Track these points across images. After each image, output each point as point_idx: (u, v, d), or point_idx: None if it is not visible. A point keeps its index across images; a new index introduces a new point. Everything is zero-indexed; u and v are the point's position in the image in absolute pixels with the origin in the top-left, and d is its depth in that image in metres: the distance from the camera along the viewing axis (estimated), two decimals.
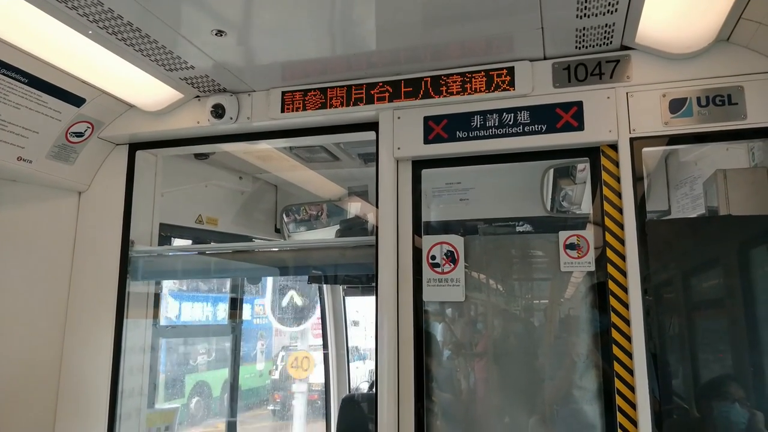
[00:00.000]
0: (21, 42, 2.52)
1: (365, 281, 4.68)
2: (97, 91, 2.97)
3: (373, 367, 2.76)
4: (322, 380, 5.83)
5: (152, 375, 3.56)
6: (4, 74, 2.60)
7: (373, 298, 2.81)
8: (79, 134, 3.13)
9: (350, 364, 5.92)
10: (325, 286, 5.72)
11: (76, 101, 2.96)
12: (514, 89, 2.71)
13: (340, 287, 5.74)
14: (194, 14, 2.35)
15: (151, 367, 3.53)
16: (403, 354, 2.73)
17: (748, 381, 2.41)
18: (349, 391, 5.86)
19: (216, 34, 2.49)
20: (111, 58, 2.66)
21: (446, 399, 2.80)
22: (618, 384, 2.45)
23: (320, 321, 5.94)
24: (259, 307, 8.49)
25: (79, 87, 2.90)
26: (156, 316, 3.69)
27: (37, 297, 3.19)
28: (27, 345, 3.13)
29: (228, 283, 5.32)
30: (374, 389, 2.76)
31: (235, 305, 5.35)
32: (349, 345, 5.91)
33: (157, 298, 3.70)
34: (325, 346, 5.85)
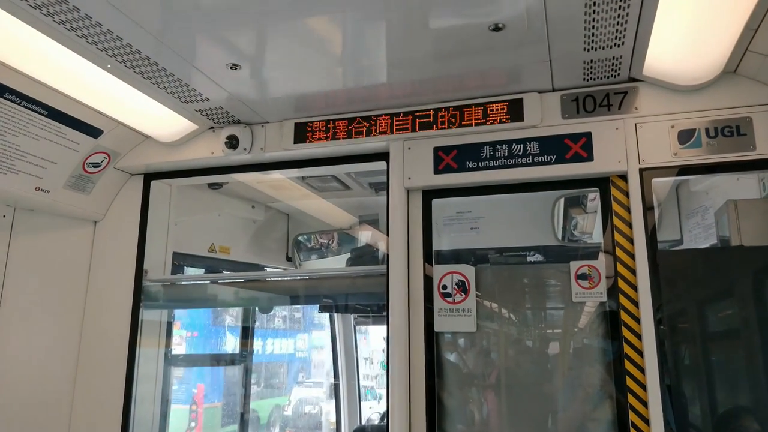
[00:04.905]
0: (41, 75, 2.60)
1: (376, 310, 4.67)
2: (114, 122, 3.04)
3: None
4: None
5: (163, 404, 3.56)
6: (24, 107, 2.67)
7: (384, 327, 2.81)
8: (96, 165, 3.19)
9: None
10: (336, 315, 5.71)
11: (94, 132, 3.02)
12: (523, 120, 2.74)
13: (351, 316, 5.72)
14: (209, 48, 2.41)
15: (163, 395, 3.53)
16: (414, 384, 2.72)
17: (764, 413, 2.37)
18: (360, 423, 5.80)
19: (231, 68, 2.55)
20: (128, 91, 2.73)
21: (458, 430, 2.76)
22: (632, 416, 2.42)
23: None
24: (301, 342, 8.84)
25: (97, 119, 2.96)
26: (168, 345, 3.70)
27: (51, 324, 3.22)
28: (41, 371, 3.15)
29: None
30: (386, 420, 2.73)
31: (247, 335, 5.34)
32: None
33: (169, 326, 3.72)
34: (336, 376, 5.80)
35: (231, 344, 5.92)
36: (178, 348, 6.20)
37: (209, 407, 6.43)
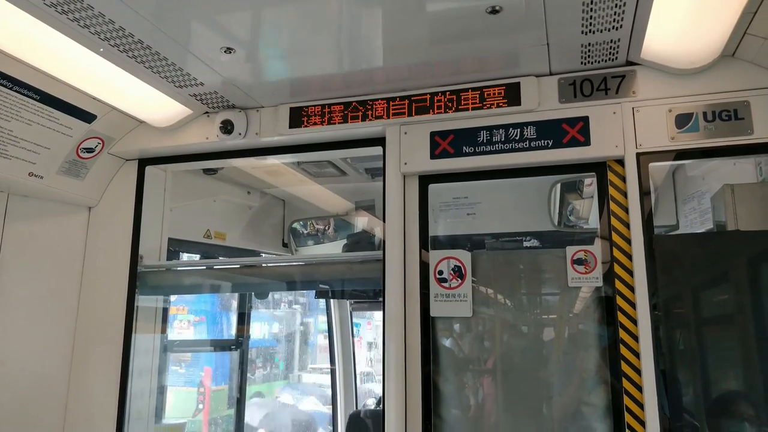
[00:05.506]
0: (33, 59, 2.56)
1: (372, 296, 4.68)
2: (107, 107, 3.01)
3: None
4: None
5: (159, 389, 3.56)
6: (17, 91, 2.64)
7: (380, 313, 2.81)
8: (89, 150, 3.17)
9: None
10: (332, 301, 5.72)
11: (88, 117, 2.99)
12: (520, 105, 2.72)
13: (347, 302, 5.74)
14: (203, 32, 2.38)
15: (159, 380, 3.54)
16: (410, 370, 2.72)
17: (758, 398, 2.38)
18: (356, 408, 5.83)
19: (225, 51, 2.53)
20: (122, 75, 2.70)
21: (454, 416, 2.78)
22: (627, 401, 2.43)
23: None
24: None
25: (91, 103, 2.94)
26: (164, 330, 3.70)
27: (46, 311, 3.21)
28: (36, 358, 3.14)
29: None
30: (381, 406, 2.74)
31: (243, 321, 5.34)
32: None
33: (165, 312, 3.71)
34: (332, 361, 5.82)
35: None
36: (186, 333, 6.28)
37: (216, 390, 6.52)
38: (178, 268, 3.77)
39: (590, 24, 2.30)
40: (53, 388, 3.20)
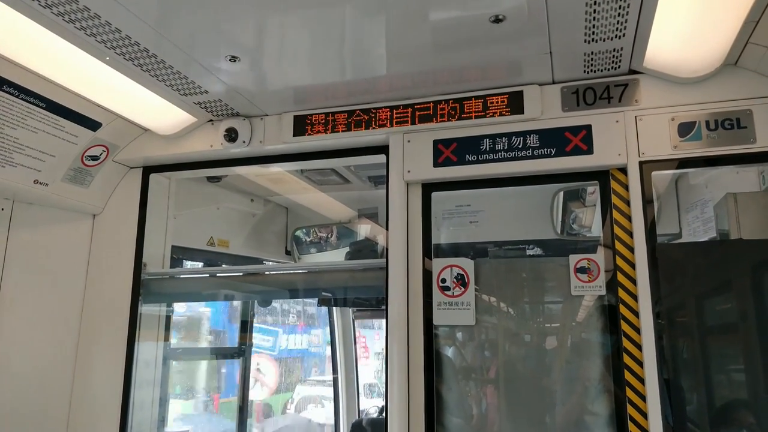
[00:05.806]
0: (40, 68, 2.59)
1: (375, 304, 4.67)
2: (113, 115, 3.03)
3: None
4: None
5: (163, 395, 3.55)
6: (23, 99, 2.66)
7: (383, 321, 2.80)
8: (94, 158, 3.18)
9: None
10: (334, 309, 5.71)
11: (93, 125, 3.01)
12: (523, 113, 2.73)
13: (350, 310, 5.72)
14: (208, 40, 2.40)
15: (161, 386, 3.54)
16: (413, 378, 2.72)
17: (761, 407, 2.37)
18: (359, 416, 5.81)
19: (230, 60, 2.54)
20: (127, 83, 2.71)
21: (457, 424, 2.77)
22: (630, 410, 2.42)
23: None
24: (314, 337, 9.00)
25: (96, 111, 2.95)
26: (167, 338, 3.70)
27: (50, 318, 3.21)
28: (39, 365, 3.14)
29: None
30: (384, 414, 2.74)
31: (245, 329, 5.33)
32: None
33: (168, 320, 3.71)
34: (334, 370, 5.80)
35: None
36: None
37: (225, 402, 6.47)
38: (182, 276, 3.78)
39: (593, 33, 2.31)
40: (56, 394, 3.20)
